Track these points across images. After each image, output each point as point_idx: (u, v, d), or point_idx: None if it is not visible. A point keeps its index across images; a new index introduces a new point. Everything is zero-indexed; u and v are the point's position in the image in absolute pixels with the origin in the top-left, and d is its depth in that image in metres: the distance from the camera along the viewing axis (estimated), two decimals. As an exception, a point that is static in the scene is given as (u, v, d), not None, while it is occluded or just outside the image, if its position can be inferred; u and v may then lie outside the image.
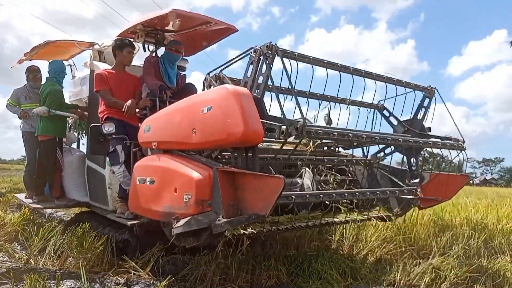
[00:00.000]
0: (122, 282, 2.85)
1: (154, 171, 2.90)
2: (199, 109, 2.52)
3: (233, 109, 2.31)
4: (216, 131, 2.40)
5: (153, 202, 2.81)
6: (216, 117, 2.39)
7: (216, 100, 2.44)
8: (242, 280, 3.11)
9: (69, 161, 4.78)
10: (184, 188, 2.51)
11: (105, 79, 3.88)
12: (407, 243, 4.14)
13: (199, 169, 2.50)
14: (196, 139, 2.54)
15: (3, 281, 2.73)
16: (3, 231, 4.24)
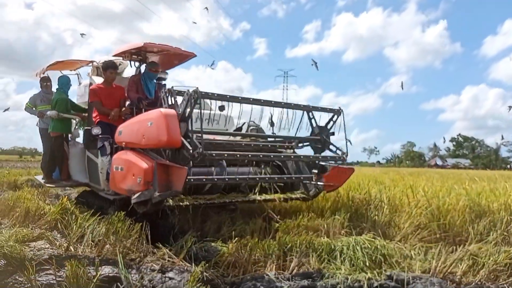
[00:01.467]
0: (157, 268, 2.92)
1: (122, 162, 4.12)
2: (146, 123, 3.82)
3: (162, 125, 3.59)
4: (154, 138, 3.70)
5: (122, 183, 4.04)
6: (154, 129, 3.67)
7: (154, 118, 3.72)
8: (272, 266, 3.13)
9: (73, 152, 6.15)
10: (138, 173, 3.72)
11: (97, 92, 5.17)
12: (442, 230, 4.04)
13: (147, 161, 3.74)
14: (144, 142, 3.87)
15: (46, 267, 2.86)
16: (43, 220, 4.43)
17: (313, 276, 2.83)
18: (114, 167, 4.22)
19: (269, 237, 3.80)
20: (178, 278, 2.79)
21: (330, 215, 4.36)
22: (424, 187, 5.60)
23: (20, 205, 4.87)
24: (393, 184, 6.71)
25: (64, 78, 6.36)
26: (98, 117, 5.11)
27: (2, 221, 4.62)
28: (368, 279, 2.73)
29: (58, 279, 2.56)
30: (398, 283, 2.75)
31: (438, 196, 4.71)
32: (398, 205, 4.74)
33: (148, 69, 5.42)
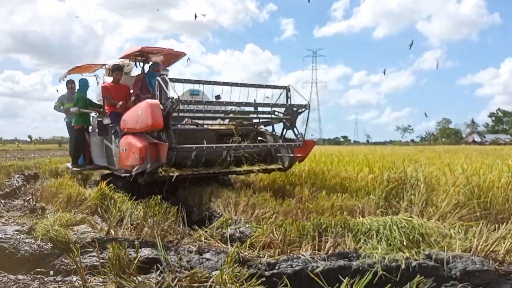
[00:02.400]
0: (194, 249, 2.99)
1: (125, 144, 5.25)
2: (138, 111, 4.96)
3: (147, 112, 4.73)
4: (144, 123, 4.83)
5: (127, 161, 5.19)
6: (143, 116, 4.81)
7: (143, 107, 4.87)
8: (307, 247, 3.13)
9: (93, 141, 7.49)
10: (135, 151, 4.87)
11: (108, 89, 6.53)
12: (482, 208, 3.90)
13: (142, 141, 4.89)
14: (138, 127, 5.01)
15: (90, 250, 2.99)
16: (84, 205, 4.62)
17: (349, 256, 2.81)
18: (121, 149, 5.42)
19: (303, 217, 3.80)
20: (215, 259, 2.85)
21: (365, 195, 4.30)
22: (462, 164, 5.41)
23: (62, 191, 5.10)
24: (429, 162, 6.52)
25: (83, 80, 7.73)
26: (110, 108, 6.41)
27: (47, 207, 4.86)
28: (406, 258, 2.68)
29: (101, 261, 2.67)
30: (437, 262, 2.68)
31: (478, 173, 4.54)
32: (435, 184, 4.61)
33: (151, 69, 6.65)
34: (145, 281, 2.40)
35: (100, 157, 7.15)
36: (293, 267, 2.67)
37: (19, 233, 3.27)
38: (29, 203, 5.59)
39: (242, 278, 2.41)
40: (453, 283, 2.53)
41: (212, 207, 4.42)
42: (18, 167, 9.25)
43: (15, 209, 5.20)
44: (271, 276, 2.61)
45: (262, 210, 4.09)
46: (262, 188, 5.42)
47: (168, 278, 2.41)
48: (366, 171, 5.30)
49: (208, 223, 3.77)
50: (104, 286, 2.36)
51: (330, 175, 5.70)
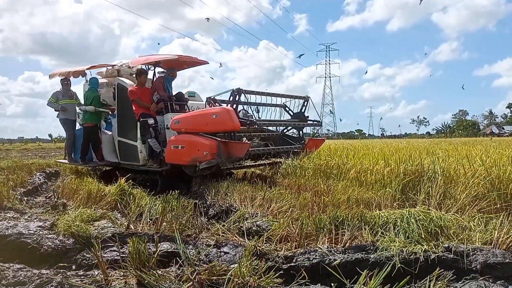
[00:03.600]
0: (212, 243, 3.02)
1: (183, 141, 5.95)
2: (210, 116, 5.78)
3: (228, 116, 5.63)
4: (221, 125, 5.72)
5: (184, 156, 5.88)
6: (219, 119, 5.66)
7: (220, 112, 5.72)
8: (324, 240, 3.13)
9: (104, 138, 7.65)
10: (204, 148, 5.61)
11: (135, 92, 6.80)
12: (503, 200, 3.83)
13: (211, 140, 5.66)
14: (209, 128, 5.81)
15: (110, 244, 3.05)
16: (104, 201, 4.71)
17: (367, 249, 2.80)
18: (172, 146, 6.02)
19: (319, 211, 3.80)
20: (233, 253, 2.88)
21: (381, 188, 4.27)
22: (481, 156, 5.31)
23: (82, 188, 5.21)
24: (446, 154, 6.42)
25: (95, 79, 7.88)
26: (140, 110, 6.74)
27: (68, 203, 4.97)
28: (424, 251, 2.66)
29: (122, 255, 2.72)
30: (457, 255, 2.66)
31: (497, 165, 4.45)
32: (453, 176, 4.53)
33: (167, 74, 7.26)
34: (165, 275, 2.45)
35: (111, 153, 7.46)
36: (311, 260, 2.68)
37: (41, 229, 3.36)
38: (50, 199, 5.72)
39: (260, 271, 2.43)
40: (474, 276, 2.51)
41: (229, 201, 4.45)
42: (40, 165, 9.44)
43: (38, 205, 5.33)
44: (289, 269, 2.63)
45: (279, 204, 4.10)
46: (278, 182, 5.43)
47: (187, 271, 2.45)
48: (382, 164, 5.24)
49: (225, 217, 3.80)
50: (125, 280, 2.41)
51: (345, 168, 5.67)
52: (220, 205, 4.35)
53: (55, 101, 8.05)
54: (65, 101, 8.01)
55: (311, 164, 6.18)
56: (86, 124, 7.61)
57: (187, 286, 2.35)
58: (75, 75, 8.19)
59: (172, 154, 6.01)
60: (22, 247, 3.06)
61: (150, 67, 7.43)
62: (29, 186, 6.64)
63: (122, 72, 7.78)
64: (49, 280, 2.36)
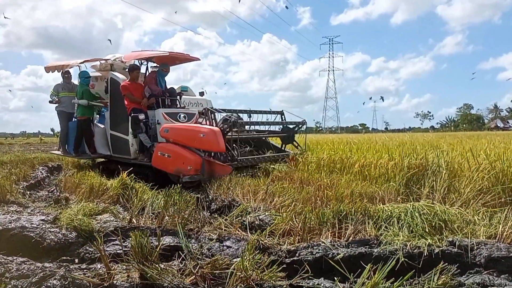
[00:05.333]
0: (214, 237, 3.01)
1: (170, 151, 6.11)
2: (198, 133, 5.92)
3: (214, 138, 5.78)
4: (206, 145, 5.89)
5: (169, 165, 6.06)
6: (206, 139, 5.83)
7: (207, 132, 5.86)
8: (328, 234, 3.12)
9: (97, 131, 7.79)
10: (189, 163, 5.83)
11: (128, 87, 6.81)
12: (507, 194, 3.80)
13: (196, 156, 5.90)
14: (196, 145, 5.98)
15: (113, 238, 3.05)
16: (106, 195, 4.71)
17: (370, 243, 2.78)
18: (159, 153, 6.21)
19: (322, 205, 3.78)
20: (236, 247, 2.87)
21: (385, 182, 4.25)
22: (486, 149, 5.27)
23: (84, 182, 5.21)
24: (450, 148, 6.38)
25: (85, 72, 7.94)
26: (132, 105, 6.78)
27: (70, 197, 4.97)
28: (428, 245, 2.64)
29: (124, 249, 2.72)
30: (461, 249, 2.63)
31: (502, 159, 4.41)
32: (457, 170, 4.50)
33: (161, 69, 7.28)
34: (167, 268, 2.44)
35: (103, 146, 7.66)
36: (314, 254, 2.66)
37: (44, 223, 3.36)
38: (53, 193, 5.73)
39: (263, 265, 2.42)
40: (478, 270, 2.49)
41: (231, 196, 4.44)
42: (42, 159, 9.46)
43: (40, 199, 5.34)
44: (292, 263, 2.61)
45: (281, 198, 4.08)
46: (281, 176, 5.42)
47: (189, 265, 2.44)
48: (386, 158, 5.21)
49: (227, 211, 3.79)
50: (127, 273, 2.40)
51: (349, 162, 5.64)
52: (223, 199, 4.34)
53: (56, 94, 8.25)
54: (65, 94, 8.19)
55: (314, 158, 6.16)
56: (79, 117, 7.77)
57: (189, 280, 2.34)
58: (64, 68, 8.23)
59: (158, 160, 6.20)
60: (25, 241, 3.06)
61: (143, 62, 7.50)
62: (32, 180, 6.65)
63: (115, 67, 7.85)
64: (52, 274, 2.36)
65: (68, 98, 8.20)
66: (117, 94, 7.08)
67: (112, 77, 7.33)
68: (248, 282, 2.27)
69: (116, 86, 7.11)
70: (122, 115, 7.05)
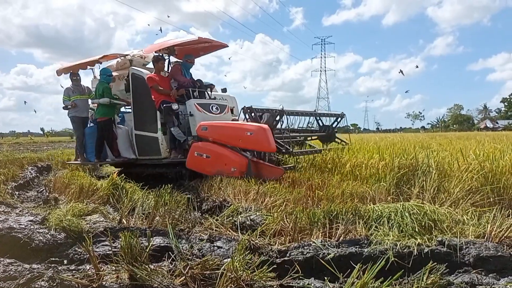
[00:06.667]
0: (205, 238, 3.00)
1: (210, 151, 5.62)
2: (245, 132, 5.33)
3: (265, 136, 5.16)
4: (255, 144, 5.33)
5: (208, 166, 5.57)
6: (255, 138, 5.24)
7: (255, 130, 5.24)
8: (318, 234, 3.12)
9: (119, 134, 7.19)
10: (232, 164, 5.34)
11: (154, 79, 6.44)
12: (496, 194, 3.84)
13: (241, 157, 5.41)
14: (241, 144, 5.45)
15: (102, 239, 3.02)
16: (96, 195, 4.67)
17: (361, 243, 2.80)
18: (195, 153, 5.75)
19: (314, 205, 3.79)
20: (226, 247, 2.86)
21: (376, 182, 4.27)
22: (475, 150, 5.32)
23: (74, 182, 5.16)
24: (441, 148, 6.43)
25: (107, 70, 7.26)
26: (161, 97, 6.37)
27: (60, 197, 4.92)
28: (418, 245, 2.66)
29: (114, 250, 2.69)
30: (450, 248, 2.66)
31: (491, 159, 4.46)
32: (447, 170, 4.54)
33: (185, 60, 6.93)
34: (157, 269, 2.42)
35: (127, 149, 7.02)
36: (304, 254, 2.66)
37: (33, 223, 3.32)
38: (42, 194, 5.67)
39: (253, 265, 2.41)
40: (467, 269, 2.51)
41: (223, 196, 4.43)
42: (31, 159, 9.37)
43: (29, 200, 5.28)
44: (282, 263, 2.61)
45: (273, 198, 4.08)
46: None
47: (179, 266, 2.43)
48: (377, 158, 5.24)
49: (218, 211, 3.78)
50: (116, 274, 2.38)
51: (340, 162, 5.66)
52: (214, 199, 4.33)
53: (68, 98, 7.51)
54: (76, 97, 7.49)
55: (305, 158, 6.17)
56: (100, 119, 7.02)
57: (179, 280, 2.33)
58: (83, 67, 7.70)
59: (195, 160, 5.72)
60: (13, 242, 3.02)
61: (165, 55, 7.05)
62: (21, 180, 6.58)
63: (134, 63, 7.33)
64: (40, 275, 2.33)
65: (81, 102, 7.54)
66: (142, 90, 6.58)
67: (134, 72, 6.78)
68: (239, 283, 2.27)
69: (140, 81, 6.60)
70: (149, 111, 6.51)
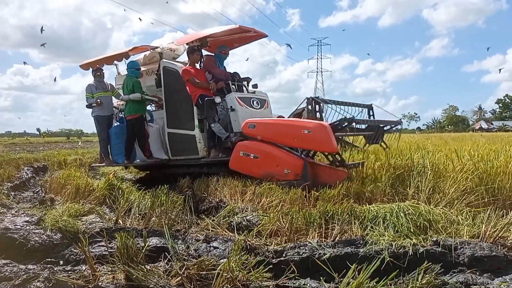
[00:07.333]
0: (201, 238, 3.01)
1: (258, 150, 5.00)
2: (301, 130, 4.65)
3: (325, 135, 4.51)
4: (312, 143, 4.67)
5: (256, 168, 4.96)
6: (314, 136, 4.58)
7: (314, 128, 4.58)
8: (314, 234, 3.14)
9: (151, 131, 6.60)
10: (286, 165, 4.73)
11: (190, 72, 5.92)
12: (491, 194, 3.87)
13: (296, 158, 4.80)
14: (296, 143, 4.81)
15: (98, 239, 3.02)
16: (93, 196, 4.66)
17: (356, 243, 2.81)
18: (241, 153, 5.13)
19: (309, 205, 3.80)
20: (222, 247, 2.86)
21: (371, 182, 4.29)
22: (470, 150, 5.36)
23: (70, 182, 5.15)
24: (436, 149, 6.47)
25: (135, 63, 6.72)
26: (198, 91, 5.87)
27: (56, 198, 4.91)
28: (413, 245, 2.68)
29: (110, 250, 2.69)
30: (445, 248, 2.67)
31: (485, 160, 4.50)
32: (442, 170, 4.56)
33: (219, 51, 6.43)
34: (153, 270, 2.43)
35: (159, 149, 6.55)
36: (300, 255, 2.68)
37: (28, 224, 3.31)
38: (38, 194, 5.65)
39: (249, 265, 2.42)
40: (461, 269, 2.53)
41: (219, 196, 4.44)
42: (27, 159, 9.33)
43: (25, 200, 5.25)
44: (278, 263, 2.62)
45: (269, 199, 4.09)
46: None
47: (176, 266, 2.43)
48: (372, 158, 5.26)
49: (215, 212, 3.79)
50: (112, 275, 2.38)
51: (336, 163, 5.67)
52: (210, 200, 4.34)
53: (91, 96, 6.94)
54: (100, 94, 6.95)
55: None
56: (130, 116, 6.46)
57: (175, 281, 2.33)
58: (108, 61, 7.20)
59: (240, 161, 5.16)
60: (9, 242, 3.01)
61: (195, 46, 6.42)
62: (17, 181, 6.54)
63: (164, 56, 6.75)
64: (35, 276, 2.33)
65: (105, 99, 6.99)
66: (175, 84, 6.09)
67: (166, 65, 6.26)
68: (235, 283, 2.27)
69: (173, 75, 6.10)
70: (184, 107, 6.03)
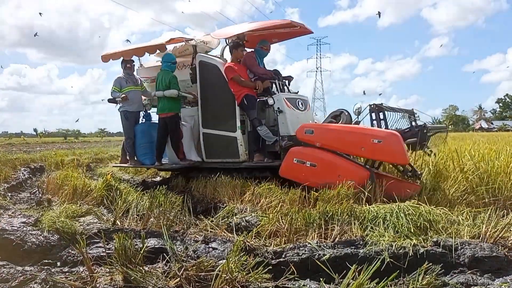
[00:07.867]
0: (200, 239, 2.98)
1: (317, 158, 4.58)
2: (370, 139, 4.27)
3: (398, 146, 4.16)
4: (382, 154, 4.33)
5: (313, 177, 4.49)
6: (384, 147, 4.21)
7: (385, 137, 4.23)
8: (314, 235, 3.12)
9: (184, 131, 6.11)
10: (349, 176, 4.19)
11: (234, 69, 5.47)
12: (491, 194, 3.86)
13: (361, 168, 4.45)
14: (363, 153, 4.48)
15: (96, 240, 2.99)
16: (90, 196, 4.63)
17: (356, 243, 2.79)
18: (294, 160, 4.72)
19: (309, 206, 3.78)
20: (221, 248, 2.84)
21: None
22: (470, 150, 5.35)
23: (68, 183, 5.11)
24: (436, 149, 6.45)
25: (171, 56, 6.15)
26: (244, 90, 5.44)
27: (53, 199, 4.88)
28: (413, 245, 2.66)
29: (107, 251, 2.67)
30: (445, 249, 2.66)
31: (486, 160, 4.48)
32: (442, 170, 4.56)
33: (259, 47, 5.91)
34: (152, 271, 2.40)
35: (191, 151, 6.13)
36: (300, 255, 2.65)
37: (25, 225, 3.29)
38: (35, 195, 5.60)
39: (249, 266, 2.40)
40: (462, 270, 2.51)
41: (218, 197, 4.42)
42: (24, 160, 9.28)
43: (22, 201, 5.22)
44: (278, 264, 2.60)
45: (268, 199, 4.07)
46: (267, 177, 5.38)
47: (174, 268, 2.41)
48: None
49: (214, 212, 3.77)
50: (110, 276, 2.36)
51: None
52: (209, 200, 4.32)
53: (119, 90, 6.41)
54: (130, 88, 6.44)
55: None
56: (163, 114, 6.03)
57: (174, 282, 2.31)
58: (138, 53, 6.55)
59: (293, 168, 4.73)
60: (5, 244, 2.98)
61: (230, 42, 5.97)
62: (13, 181, 6.50)
63: (199, 50, 6.18)
64: (33, 277, 2.30)
65: (134, 94, 6.47)
66: (213, 81, 5.70)
67: (203, 60, 5.84)
68: (234, 284, 2.25)
69: (211, 70, 5.72)
70: (225, 106, 5.62)
